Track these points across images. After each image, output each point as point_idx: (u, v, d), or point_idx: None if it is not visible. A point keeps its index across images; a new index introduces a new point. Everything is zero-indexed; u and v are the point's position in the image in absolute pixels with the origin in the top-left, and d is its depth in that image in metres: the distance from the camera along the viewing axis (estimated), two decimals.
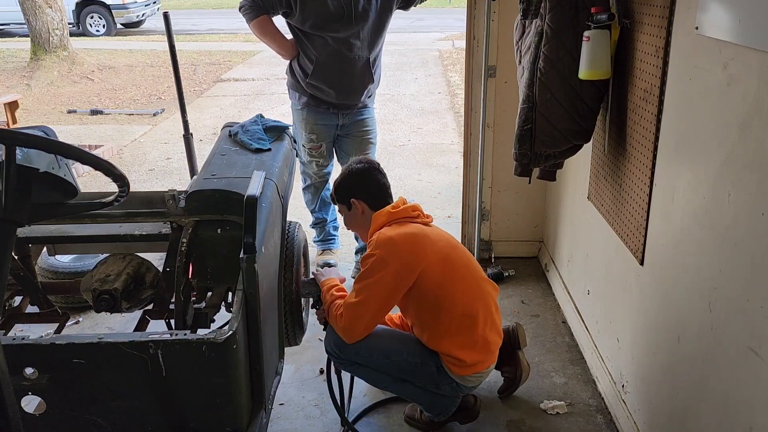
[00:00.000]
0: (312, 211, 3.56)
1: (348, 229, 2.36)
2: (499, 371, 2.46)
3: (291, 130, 2.62)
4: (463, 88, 3.41)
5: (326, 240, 3.60)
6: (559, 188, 3.11)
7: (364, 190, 2.22)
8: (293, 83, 3.14)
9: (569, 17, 2.09)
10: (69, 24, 10.46)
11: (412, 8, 3.30)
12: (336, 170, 2.82)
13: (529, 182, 2.52)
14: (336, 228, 3.64)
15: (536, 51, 2.18)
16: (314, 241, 3.60)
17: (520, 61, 2.35)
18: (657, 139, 1.89)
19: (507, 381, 2.46)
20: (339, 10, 2.90)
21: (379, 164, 2.30)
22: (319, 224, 3.58)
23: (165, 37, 3.33)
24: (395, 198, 2.27)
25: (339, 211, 2.32)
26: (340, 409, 2.29)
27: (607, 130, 2.28)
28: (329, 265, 3.34)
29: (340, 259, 3.65)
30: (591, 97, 2.18)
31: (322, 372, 2.65)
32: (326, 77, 3.00)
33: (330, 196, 2.27)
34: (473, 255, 3.50)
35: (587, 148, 2.43)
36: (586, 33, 2.03)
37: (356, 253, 3.60)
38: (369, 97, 3.24)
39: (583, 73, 2.07)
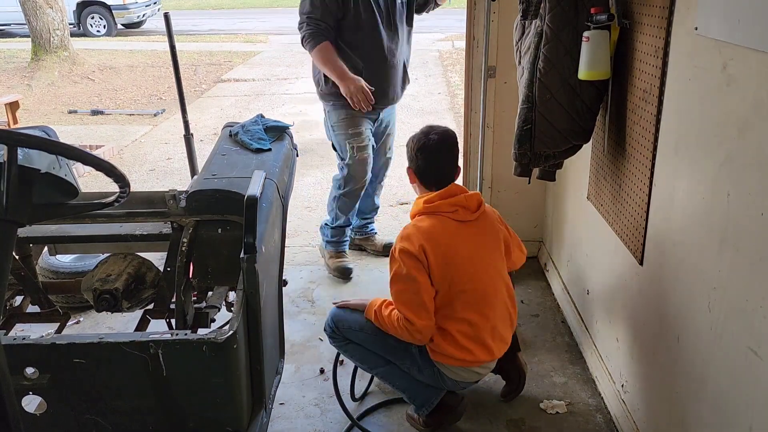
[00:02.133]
0: (340, 216, 3.46)
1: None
2: (499, 375, 2.46)
3: (291, 130, 2.63)
4: (462, 89, 3.41)
5: (342, 242, 3.53)
6: (559, 188, 3.11)
7: (417, 163, 2.21)
8: (333, 93, 3.19)
9: (569, 18, 2.10)
10: (70, 24, 10.47)
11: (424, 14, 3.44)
12: None
13: (529, 182, 2.52)
14: (351, 230, 3.62)
15: (536, 51, 2.18)
16: (327, 242, 3.54)
17: (519, 62, 2.35)
18: (656, 139, 1.90)
19: (509, 384, 2.45)
20: (383, 17, 3.13)
21: (452, 140, 2.22)
22: (342, 227, 3.50)
23: (165, 38, 3.33)
24: (459, 182, 2.25)
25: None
26: (345, 407, 2.34)
27: (606, 131, 2.28)
28: (348, 270, 3.42)
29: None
30: (590, 98, 2.18)
31: (322, 371, 2.65)
32: (375, 82, 3.15)
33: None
34: None
35: (587, 149, 2.43)
36: (585, 33, 2.03)
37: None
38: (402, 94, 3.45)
39: (583, 74, 2.07)
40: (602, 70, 2.06)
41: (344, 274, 3.42)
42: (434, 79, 9.08)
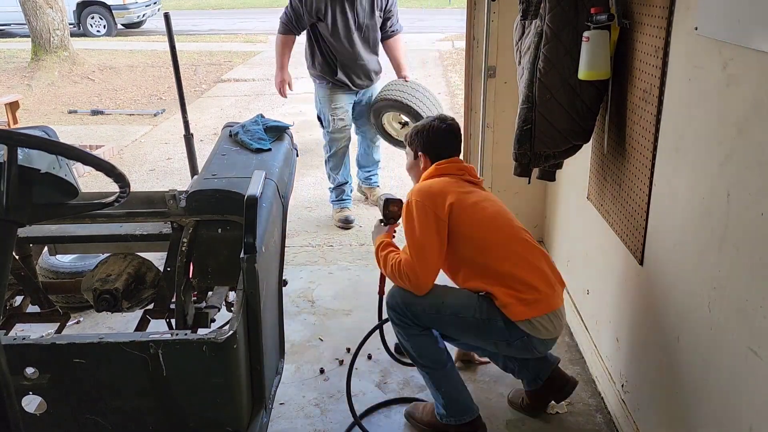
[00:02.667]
0: (335, 176, 4.23)
1: (407, 171, 2.48)
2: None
3: (291, 130, 2.63)
4: (462, 89, 3.42)
5: (344, 200, 4.26)
6: (559, 188, 3.11)
7: (435, 150, 2.30)
8: (319, 75, 4.04)
9: (569, 18, 2.10)
10: (70, 24, 10.47)
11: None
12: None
13: (529, 182, 2.52)
14: (351, 190, 4.35)
15: (536, 51, 2.18)
16: (332, 201, 4.30)
17: (519, 62, 2.35)
18: (656, 139, 1.90)
19: (554, 393, 2.36)
20: (354, 24, 3.87)
21: (458, 126, 2.36)
22: (340, 186, 4.23)
23: (165, 38, 3.33)
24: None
25: (407, 152, 2.42)
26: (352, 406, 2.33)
27: (606, 131, 2.28)
28: (349, 219, 4.15)
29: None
30: (590, 98, 2.18)
31: (322, 371, 2.65)
32: (348, 74, 3.97)
33: (405, 138, 2.43)
34: None
35: (587, 149, 2.43)
36: (585, 33, 2.03)
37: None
38: (377, 78, 4.21)
39: (583, 74, 2.07)
40: (602, 70, 2.06)
41: (346, 223, 4.15)
42: (434, 79, 9.07)
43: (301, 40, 4.11)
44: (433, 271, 2.11)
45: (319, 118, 4.19)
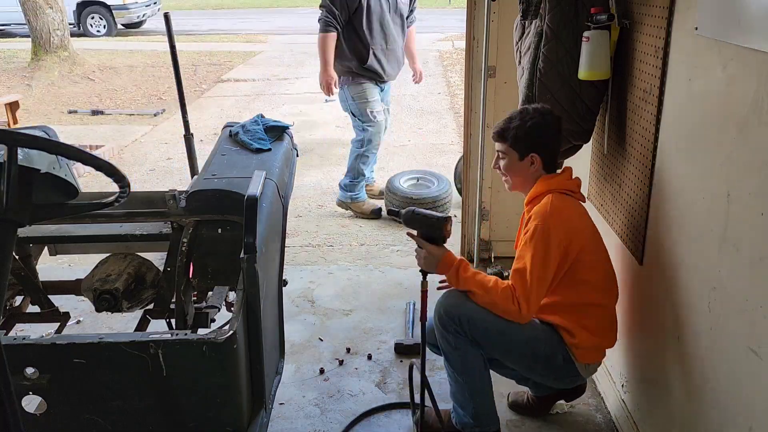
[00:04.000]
0: (367, 170, 4.37)
1: (499, 171, 2.14)
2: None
3: (291, 130, 2.62)
4: (462, 89, 3.43)
5: (362, 192, 4.40)
6: None
7: (550, 148, 2.07)
8: (349, 71, 4.05)
9: (569, 18, 2.10)
10: (70, 24, 10.46)
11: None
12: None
13: None
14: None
15: (536, 51, 2.18)
16: (353, 196, 4.37)
17: (519, 62, 2.35)
18: (656, 139, 1.90)
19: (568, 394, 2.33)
20: (388, 7, 4.02)
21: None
22: (360, 181, 4.35)
23: (165, 38, 3.33)
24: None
25: (501, 155, 2.10)
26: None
27: (606, 131, 2.28)
28: (379, 208, 4.31)
29: None
30: (590, 98, 2.18)
31: (322, 372, 2.65)
32: (380, 60, 4.06)
33: (501, 134, 2.08)
34: (473, 256, 3.51)
35: (587, 149, 2.43)
36: (585, 33, 2.03)
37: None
38: (399, 72, 4.32)
39: (583, 74, 2.07)
40: (602, 70, 2.07)
41: (378, 213, 4.32)
42: (434, 78, 9.07)
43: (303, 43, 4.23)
44: (540, 301, 1.97)
45: (354, 116, 4.20)
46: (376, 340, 2.88)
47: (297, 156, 2.64)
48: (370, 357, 2.75)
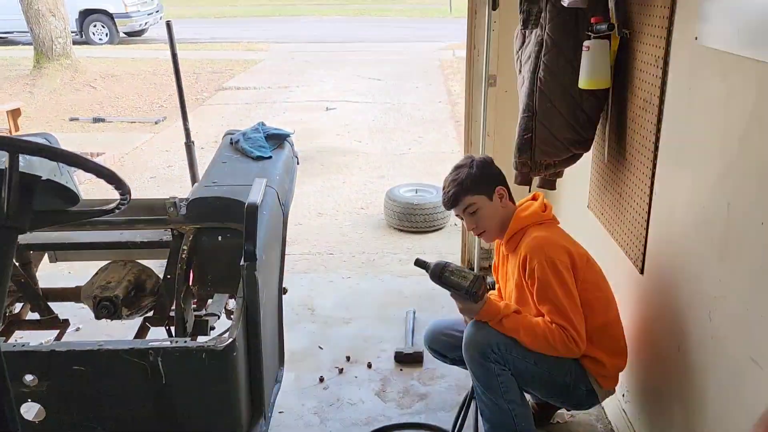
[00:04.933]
0: None
1: (475, 230, 2.12)
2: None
3: (292, 137, 2.63)
4: (463, 97, 3.43)
5: None
6: (560, 197, 3.11)
7: (501, 177, 2.11)
8: None
9: (569, 27, 2.11)
10: (72, 32, 10.50)
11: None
12: None
13: (530, 191, 2.52)
14: None
15: (536, 60, 2.19)
16: None
17: (520, 71, 2.36)
18: (657, 148, 1.90)
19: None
20: None
21: None
22: None
23: (167, 46, 3.34)
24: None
25: (471, 210, 2.07)
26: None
27: (607, 140, 2.28)
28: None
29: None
30: (591, 107, 2.19)
31: (322, 380, 2.64)
32: None
33: (460, 191, 2.05)
34: (474, 263, 3.50)
35: (587, 157, 2.43)
36: (585, 43, 2.04)
37: None
38: None
39: (583, 83, 2.08)
40: (602, 79, 2.07)
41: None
42: (435, 87, 9.11)
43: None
44: (584, 329, 1.93)
45: None
46: (376, 348, 2.88)
47: (298, 164, 2.64)
48: (370, 365, 2.74)
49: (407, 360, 2.76)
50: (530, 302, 1.99)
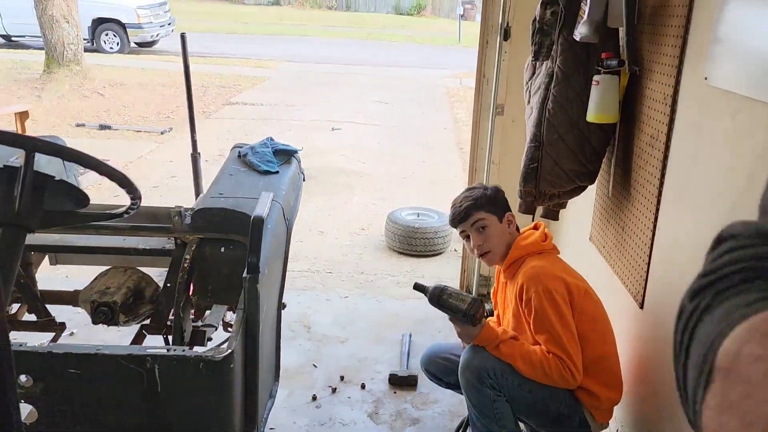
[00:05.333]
0: None
1: (477, 251, 2.11)
2: None
3: (299, 154, 2.65)
4: (468, 125, 3.46)
5: None
6: (562, 228, 3.13)
7: (510, 209, 2.16)
8: None
9: (580, 61, 2.14)
10: (84, 40, 10.61)
11: None
12: None
13: (533, 220, 2.53)
14: None
15: (545, 92, 2.22)
16: None
17: (528, 101, 2.39)
18: (662, 184, 1.92)
19: None
20: None
21: None
22: None
23: (177, 58, 3.39)
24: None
25: (479, 227, 2.08)
26: None
27: (612, 173, 2.30)
28: None
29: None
30: (598, 140, 2.21)
31: (314, 398, 2.63)
32: None
33: (472, 207, 2.08)
34: (472, 290, 3.50)
35: (591, 190, 2.45)
36: (595, 77, 2.07)
37: None
38: None
39: (591, 116, 2.10)
40: (611, 114, 2.10)
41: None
42: (441, 114, 9.18)
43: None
44: (581, 360, 1.93)
45: None
46: (370, 369, 2.86)
47: (304, 180, 2.66)
48: (363, 386, 2.73)
49: (401, 383, 2.75)
50: (527, 331, 1.99)
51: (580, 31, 2.06)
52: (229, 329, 2.20)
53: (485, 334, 1.95)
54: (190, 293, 2.03)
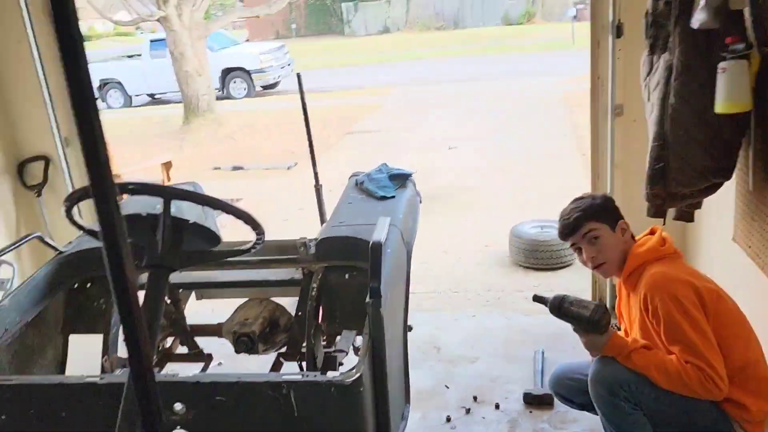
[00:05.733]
0: None
1: (591, 263, 2.00)
2: None
3: (414, 177, 2.69)
4: (588, 129, 3.33)
5: None
6: (699, 229, 2.90)
7: (622, 216, 2.05)
8: None
9: (701, 50, 2.00)
10: (215, 89, 11.56)
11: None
12: None
13: (664, 223, 2.37)
14: None
15: (665, 87, 2.09)
16: None
17: (648, 98, 2.26)
18: None
19: None
20: None
21: None
22: None
23: (297, 96, 3.58)
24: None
25: (592, 238, 1.97)
26: None
27: (751, 166, 2.11)
28: None
29: None
30: (730, 132, 2.04)
31: (449, 420, 2.61)
32: None
33: (583, 216, 1.97)
34: (606, 301, 3.33)
35: (727, 186, 2.26)
36: (721, 64, 1.92)
37: None
38: None
39: (720, 106, 1.95)
40: (743, 102, 1.93)
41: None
42: (559, 121, 8.91)
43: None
44: (723, 368, 1.78)
45: None
46: (503, 389, 2.80)
47: (420, 202, 2.69)
48: (497, 406, 2.67)
49: (537, 402, 2.66)
50: (659, 344, 1.85)
51: (698, 18, 1.93)
52: (359, 353, 2.26)
53: (614, 343, 1.84)
54: (320, 320, 2.12)
